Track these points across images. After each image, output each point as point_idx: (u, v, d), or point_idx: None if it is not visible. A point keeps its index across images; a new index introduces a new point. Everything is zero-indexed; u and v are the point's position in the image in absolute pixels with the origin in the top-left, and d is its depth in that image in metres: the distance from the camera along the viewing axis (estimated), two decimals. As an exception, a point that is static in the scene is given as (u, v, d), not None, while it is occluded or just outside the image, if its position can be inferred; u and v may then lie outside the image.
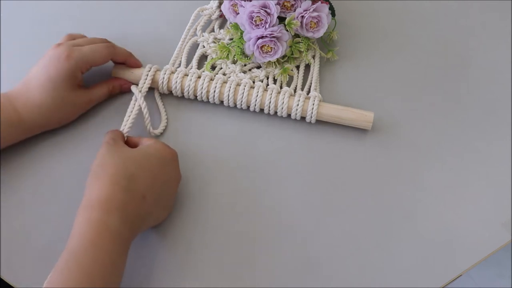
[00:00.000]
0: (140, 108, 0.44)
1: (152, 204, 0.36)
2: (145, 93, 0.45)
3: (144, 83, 0.45)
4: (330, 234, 0.40)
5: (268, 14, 0.43)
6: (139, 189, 0.35)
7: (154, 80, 0.45)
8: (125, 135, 0.42)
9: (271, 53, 0.45)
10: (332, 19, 0.49)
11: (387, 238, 0.40)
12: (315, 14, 0.45)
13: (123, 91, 0.46)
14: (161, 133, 0.44)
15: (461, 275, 0.39)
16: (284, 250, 0.39)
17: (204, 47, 0.49)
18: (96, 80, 0.46)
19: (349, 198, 0.42)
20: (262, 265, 0.38)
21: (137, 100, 0.44)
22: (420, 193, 0.42)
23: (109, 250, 0.32)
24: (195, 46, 0.50)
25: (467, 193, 0.42)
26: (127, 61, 0.46)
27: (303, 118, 0.45)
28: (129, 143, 0.41)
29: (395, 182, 0.43)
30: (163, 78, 0.45)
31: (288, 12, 0.46)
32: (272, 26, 0.44)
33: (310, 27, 0.46)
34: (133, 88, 0.45)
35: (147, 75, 0.45)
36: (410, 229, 0.40)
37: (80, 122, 0.44)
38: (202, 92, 0.45)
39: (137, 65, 0.46)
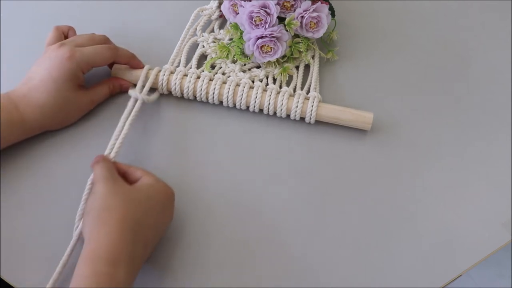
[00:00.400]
0: (131, 124, 0.42)
1: (150, 249, 0.36)
2: (146, 93, 0.44)
3: (143, 84, 0.44)
4: (330, 234, 0.40)
5: (268, 14, 0.43)
6: (143, 238, 0.34)
7: (153, 81, 0.45)
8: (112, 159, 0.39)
9: (270, 53, 0.45)
10: (332, 19, 0.49)
11: (387, 238, 0.40)
12: (315, 14, 0.45)
13: (123, 90, 0.46)
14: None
15: (461, 275, 0.39)
16: (283, 250, 0.39)
17: (204, 47, 0.49)
18: (95, 79, 0.46)
19: (349, 198, 0.42)
20: (262, 265, 0.38)
21: (139, 100, 0.43)
22: (420, 193, 0.42)
23: None
24: (194, 46, 0.49)
25: (467, 193, 0.42)
26: (130, 63, 0.46)
27: (302, 118, 0.45)
28: (118, 172, 0.38)
29: (395, 182, 0.42)
30: (162, 79, 0.45)
31: (288, 12, 0.46)
32: (272, 26, 0.44)
33: (310, 27, 0.45)
34: (131, 92, 0.44)
35: (145, 76, 0.45)
36: (410, 229, 0.40)
37: (80, 122, 0.44)
38: (201, 93, 0.45)
39: (140, 66, 0.46)
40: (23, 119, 0.40)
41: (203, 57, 0.49)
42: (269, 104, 0.44)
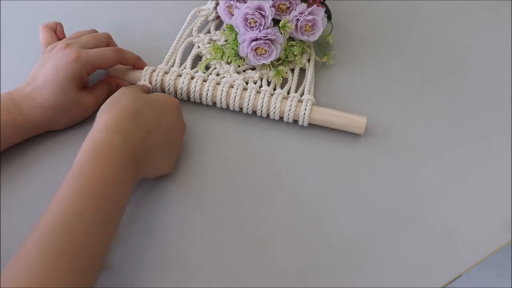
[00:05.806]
0: None
1: (157, 142, 0.38)
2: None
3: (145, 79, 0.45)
4: (329, 236, 0.40)
5: (263, 16, 0.43)
6: (145, 124, 0.37)
7: (149, 81, 0.45)
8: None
9: (265, 56, 0.44)
10: (328, 22, 0.48)
11: (387, 239, 0.39)
12: (310, 17, 0.44)
13: None
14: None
15: (461, 275, 0.38)
16: (280, 252, 0.39)
17: (199, 47, 0.49)
18: (92, 79, 0.46)
19: (343, 201, 0.41)
20: (260, 266, 0.38)
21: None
22: (419, 193, 0.42)
23: (110, 163, 0.33)
24: (190, 46, 0.50)
25: (467, 193, 0.42)
26: (135, 65, 0.46)
27: (296, 121, 0.44)
28: None
29: (394, 183, 0.42)
30: (156, 79, 0.45)
31: (284, 15, 0.45)
32: (267, 28, 0.43)
33: (305, 30, 0.45)
34: (140, 83, 0.45)
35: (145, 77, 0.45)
36: (410, 230, 0.40)
37: (80, 121, 0.45)
38: (195, 94, 0.45)
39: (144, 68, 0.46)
40: (26, 119, 0.40)
41: (198, 57, 0.49)
42: (262, 106, 0.44)
